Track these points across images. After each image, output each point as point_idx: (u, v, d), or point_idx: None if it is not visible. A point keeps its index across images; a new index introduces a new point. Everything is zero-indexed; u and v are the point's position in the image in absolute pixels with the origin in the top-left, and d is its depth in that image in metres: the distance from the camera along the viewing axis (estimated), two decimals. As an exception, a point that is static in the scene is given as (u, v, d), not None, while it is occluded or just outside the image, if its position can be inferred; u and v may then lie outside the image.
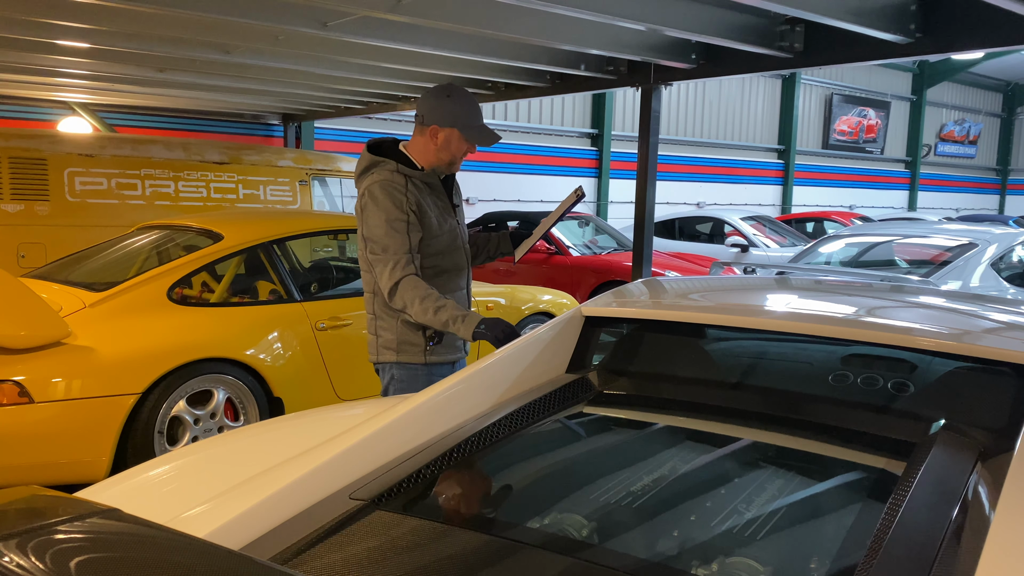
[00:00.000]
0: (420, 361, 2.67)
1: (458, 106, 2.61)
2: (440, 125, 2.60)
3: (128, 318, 3.81)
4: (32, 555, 0.84)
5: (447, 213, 2.69)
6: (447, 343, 2.68)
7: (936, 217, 14.80)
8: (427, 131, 2.62)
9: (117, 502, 1.07)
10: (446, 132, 2.60)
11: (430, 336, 2.63)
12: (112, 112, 10.28)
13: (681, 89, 16.89)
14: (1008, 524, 1.20)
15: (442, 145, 2.62)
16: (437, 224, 2.62)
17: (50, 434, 3.44)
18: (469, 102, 2.65)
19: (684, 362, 2.17)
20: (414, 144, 2.67)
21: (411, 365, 2.67)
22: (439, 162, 2.66)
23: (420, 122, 2.64)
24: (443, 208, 2.68)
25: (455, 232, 2.71)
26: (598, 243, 9.54)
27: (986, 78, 24.12)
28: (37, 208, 6.65)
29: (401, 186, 2.56)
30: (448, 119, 2.59)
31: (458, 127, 2.60)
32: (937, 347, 1.81)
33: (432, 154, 2.64)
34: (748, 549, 1.34)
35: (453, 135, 2.61)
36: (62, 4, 4.88)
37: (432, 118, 2.60)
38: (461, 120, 2.60)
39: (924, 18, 4.77)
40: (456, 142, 2.62)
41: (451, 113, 2.59)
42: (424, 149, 2.64)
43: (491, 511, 1.54)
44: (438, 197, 2.68)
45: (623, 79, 6.61)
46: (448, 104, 2.60)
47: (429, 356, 2.66)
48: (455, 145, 2.63)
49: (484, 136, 2.65)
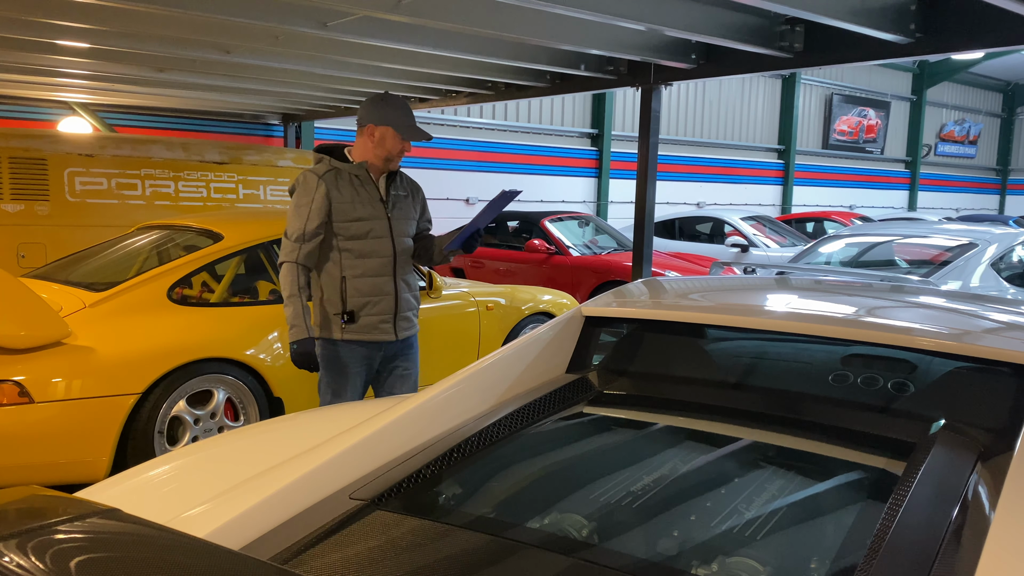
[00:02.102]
0: (337, 337, 3.00)
1: (391, 108, 2.98)
2: (375, 124, 2.95)
3: (128, 318, 3.81)
4: (32, 555, 0.84)
5: (371, 204, 2.99)
6: (362, 323, 2.99)
7: (936, 217, 14.80)
8: (364, 131, 2.97)
9: (117, 502, 1.07)
10: (381, 130, 2.95)
11: (342, 314, 2.97)
12: (112, 112, 10.28)
13: (681, 89, 16.88)
14: (1008, 524, 1.20)
15: (378, 142, 2.96)
16: (352, 209, 2.94)
17: (50, 434, 3.44)
18: (402, 105, 3.02)
19: (684, 362, 2.17)
20: (355, 144, 3.03)
21: (329, 341, 3.02)
22: (375, 159, 3.00)
23: (359, 124, 2.99)
24: (368, 199, 2.98)
25: (380, 222, 3.00)
26: (598, 243, 9.54)
27: (986, 78, 24.11)
28: (37, 208, 6.65)
29: (317, 174, 2.94)
30: (382, 119, 2.95)
31: (391, 125, 2.95)
32: (937, 347, 1.81)
33: (370, 151, 2.99)
34: (748, 549, 1.34)
35: (388, 132, 2.95)
36: (62, 4, 4.88)
37: (368, 119, 2.96)
38: (393, 119, 2.95)
39: (924, 18, 4.77)
40: (390, 139, 2.96)
41: (385, 114, 2.96)
42: (363, 148, 3.00)
43: (491, 511, 1.54)
44: (364, 189, 2.99)
45: (623, 79, 6.61)
46: (382, 106, 2.98)
47: (344, 334, 2.99)
48: (389, 142, 2.97)
49: (415, 133, 3.00)
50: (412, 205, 3.13)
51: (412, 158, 13.23)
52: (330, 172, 2.96)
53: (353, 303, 2.98)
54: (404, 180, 3.13)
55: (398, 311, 3.06)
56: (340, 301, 2.98)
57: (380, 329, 3.02)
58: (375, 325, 3.01)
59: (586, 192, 15.72)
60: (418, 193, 3.19)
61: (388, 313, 3.03)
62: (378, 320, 3.01)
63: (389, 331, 3.04)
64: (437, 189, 13.40)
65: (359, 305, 2.99)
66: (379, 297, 3.01)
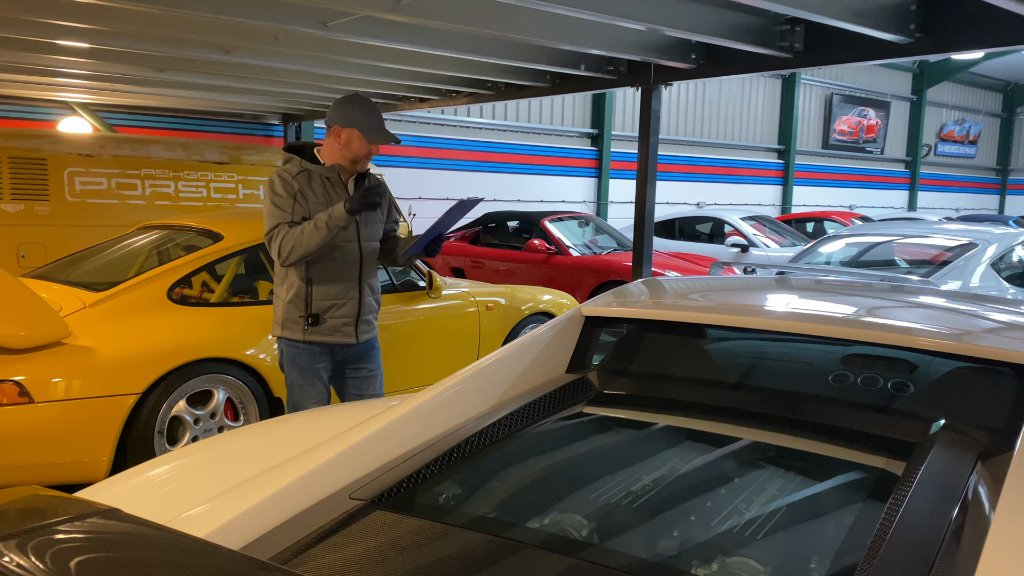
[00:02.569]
0: (300, 338, 3.01)
1: (359, 110, 2.95)
2: (341, 126, 2.93)
3: (128, 318, 3.81)
4: (32, 555, 0.84)
5: None
6: (325, 326, 3.01)
7: (936, 217, 14.79)
8: (332, 132, 2.96)
9: (117, 502, 1.07)
10: (347, 132, 2.93)
11: (306, 316, 2.98)
12: (112, 112, 10.28)
13: (681, 89, 16.88)
14: (1008, 524, 1.20)
15: (344, 144, 2.95)
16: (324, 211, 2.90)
17: (50, 434, 3.44)
18: (370, 108, 2.98)
19: (684, 362, 2.17)
20: (323, 145, 3.03)
21: (293, 341, 3.03)
22: (343, 160, 2.98)
23: (327, 125, 2.97)
24: (337, 201, 2.95)
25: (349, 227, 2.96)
26: (598, 243, 9.54)
27: (986, 78, 24.11)
28: (37, 208, 6.64)
29: (291, 175, 2.94)
30: (348, 121, 2.93)
31: (357, 127, 2.92)
32: (937, 347, 1.81)
33: (336, 152, 2.98)
34: (748, 549, 1.34)
35: (354, 135, 2.93)
36: (62, 4, 4.88)
37: (335, 120, 2.95)
38: (359, 122, 2.93)
39: (924, 18, 4.77)
40: (357, 141, 2.94)
41: (352, 116, 2.93)
42: (330, 149, 2.99)
43: (491, 511, 1.54)
44: (335, 191, 2.99)
45: (623, 79, 6.61)
46: (350, 108, 2.95)
47: (307, 334, 3.00)
48: (356, 144, 2.95)
49: (381, 136, 2.97)
50: (380, 208, 3.12)
51: (411, 158, 13.26)
52: (302, 173, 2.96)
53: (317, 306, 2.99)
54: (371, 180, 3.10)
55: (360, 315, 3.08)
56: (305, 303, 2.99)
57: (342, 332, 3.04)
58: (337, 328, 3.03)
59: (586, 192, 15.72)
60: (385, 193, 3.15)
61: (351, 316, 3.05)
62: (341, 323, 3.03)
63: (351, 334, 3.06)
64: (437, 189, 13.40)
65: (323, 308, 3.00)
66: (343, 301, 3.03)
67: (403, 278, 4.87)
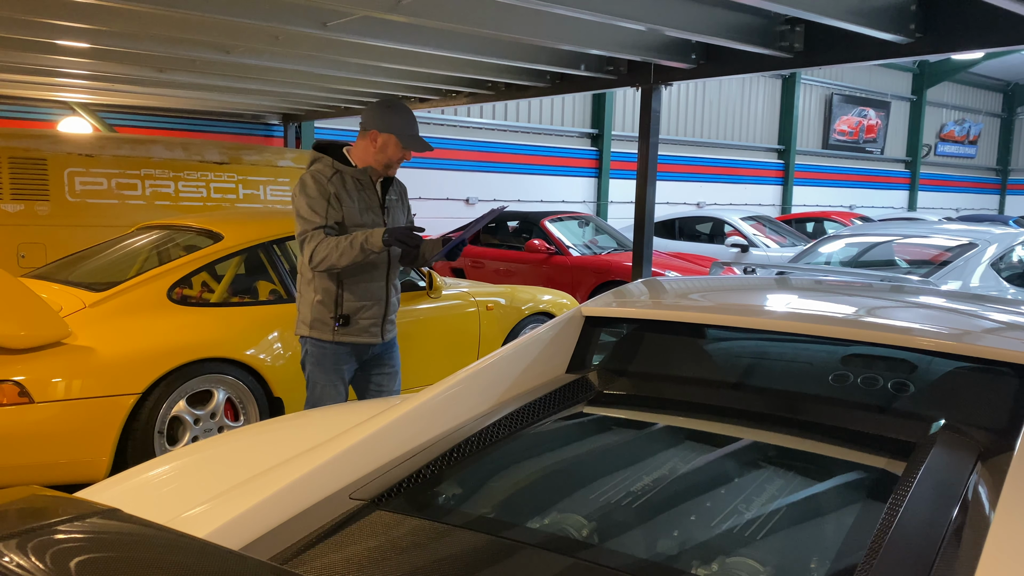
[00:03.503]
0: (329, 339, 3.03)
1: (397, 116, 2.99)
2: (379, 131, 2.96)
3: (128, 318, 3.81)
4: (32, 555, 0.84)
5: (371, 209, 3.03)
6: (354, 326, 3.03)
7: (936, 217, 14.79)
8: (368, 136, 2.98)
9: (117, 502, 1.07)
10: (384, 137, 2.97)
11: (336, 317, 3.00)
12: (112, 112, 10.28)
13: (681, 89, 16.88)
14: (1008, 524, 1.20)
15: (380, 148, 2.98)
16: (358, 215, 2.97)
17: (50, 434, 3.44)
18: (407, 114, 3.03)
19: (684, 362, 2.17)
20: (356, 147, 3.03)
21: (321, 342, 3.05)
22: (376, 164, 3.01)
23: (363, 128, 3.00)
24: (368, 204, 3.01)
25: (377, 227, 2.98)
26: (598, 243, 9.54)
27: (986, 78, 24.11)
28: (37, 208, 6.65)
29: (325, 177, 2.94)
30: (386, 126, 2.96)
31: (395, 133, 2.96)
32: (937, 347, 1.81)
33: (371, 156, 3.00)
34: (748, 549, 1.34)
35: (390, 140, 2.97)
36: (62, 4, 4.88)
37: (372, 124, 2.97)
38: (397, 128, 2.97)
39: (924, 18, 4.77)
40: (392, 147, 2.98)
41: (390, 121, 2.97)
42: (364, 151, 3.00)
43: (491, 511, 1.54)
44: (366, 193, 3.02)
45: (623, 79, 6.60)
46: (388, 114, 2.99)
47: (337, 335, 3.02)
48: (391, 150, 2.99)
49: (417, 144, 3.02)
50: (403, 210, 3.19)
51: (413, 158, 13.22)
52: (336, 175, 2.97)
53: (348, 307, 3.03)
54: (396, 185, 3.17)
55: (386, 315, 3.13)
56: (335, 305, 3.02)
57: (369, 332, 3.08)
58: (366, 328, 3.07)
59: (586, 192, 15.72)
60: (405, 195, 3.25)
61: (378, 317, 3.10)
62: (369, 324, 3.07)
63: (377, 334, 3.11)
64: (437, 189, 13.40)
65: (354, 309, 3.04)
66: (372, 302, 3.07)
67: (403, 278, 4.87)
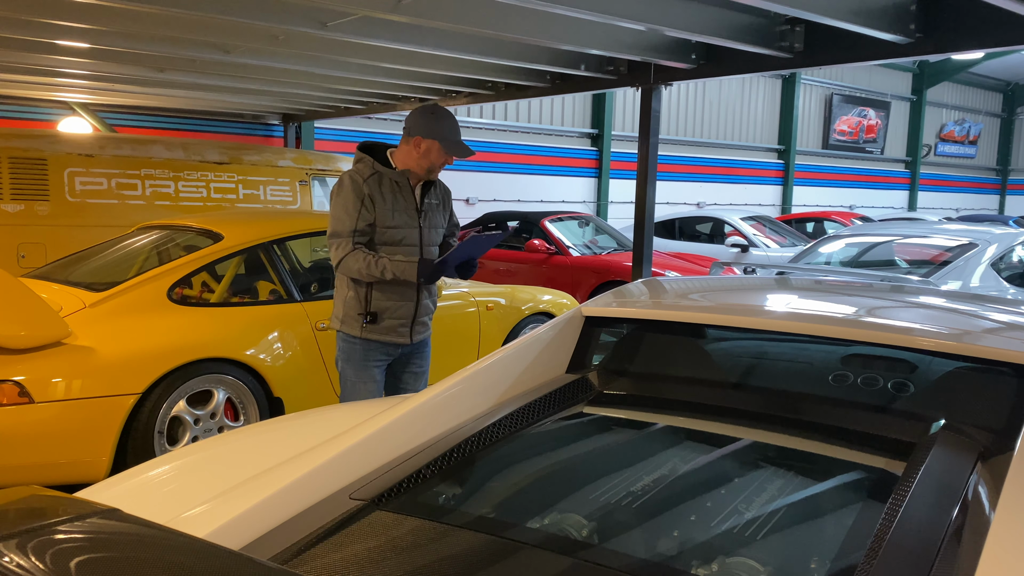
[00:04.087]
0: (357, 334, 3.09)
1: (440, 122, 3.04)
2: (423, 136, 3.01)
3: (128, 318, 3.81)
4: (32, 555, 0.84)
5: (407, 212, 3.08)
6: (382, 325, 3.08)
7: (936, 217, 14.79)
8: (411, 141, 3.02)
9: (117, 502, 1.07)
10: (427, 143, 3.01)
11: (364, 314, 3.06)
12: (112, 112, 10.28)
13: (681, 89, 16.87)
14: (1008, 524, 1.20)
15: (423, 153, 3.03)
16: (390, 216, 3.02)
17: (50, 434, 3.44)
18: (450, 120, 3.08)
19: (684, 362, 2.17)
20: (399, 150, 3.08)
21: (351, 337, 3.11)
22: (418, 168, 3.06)
23: (407, 133, 3.05)
24: (405, 207, 3.07)
25: (412, 232, 3.08)
26: (598, 243, 9.54)
27: (986, 78, 24.11)
28: (37, 208, 6.64)
29: (362, 177, 3.00)
30: (430, 132, 3.01)
31: (438, 139, 3.01)
32: (937, 347, 1.81)
33: (413, 160, 3.05)
34: (748, 549, 1.34)
35: (434, 146, 3.02)
36: (62, 4, 4.88)
37: (417, 130, 3.02)
38: (440, 134, 3.01)
39: (924, 18, 4.77)
40: (435, 152, 3.03)
41: (433, 128, 3.01)
42: (407, 155, 3.05)
43: (491, 511, 1.54)
44: (403, 196, 3.07)
45: (623, 79, 6.60)
46: (432, 120, 3.03)
47: (364, 332, 3.08)
48: (434, 155, 3.03)
49: (460, 150, 3.07)
50: (442, 214, 3.23)
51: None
52: (373, 176, 3.03)
53: (376, 306, 3.07)
54: (438, 188, 3.22)
55: (416, 316, 3.17)
56: (364, 302, 3.07)
57: (398, 332, 3.13)
58: (394, 328, 3.11)
59: (586, 192, 15.72)
60: (448, 199, 3.29)
61: (407, 318, 3.14)
62: (397, 324, 3.11)
63: (405, 335, 3.15)
64: (437, 189, 13.38)
65: (381, 308, 3.08)
66: (401, 303, 3.10)
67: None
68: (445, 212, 3.26)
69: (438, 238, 3.22)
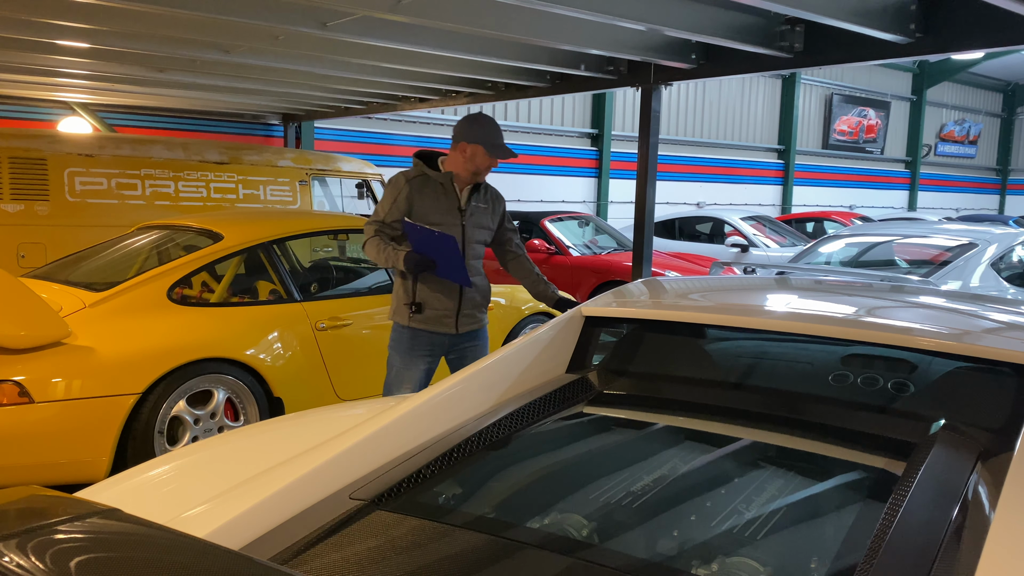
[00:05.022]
0: (405, 323, 3.31)
1: (483, 128, 3.29)
2: (468, 142, 3.25)
3: (128, 318, 3.81)
4: (32, 555, 0.84)
5: (448, 212, 3.29)
6: (427, 315, 3.28)
7: (936, 217, 14.79)
8: (458, 147, 3.28)
9: (117, 502, 1.07)
10: (472, 148, 3.25)
11: (410, 304, 3.27)
12: (112, 112, 10.28)
13: (681, 89, 16.87)
14: (1008, 524, 1.20)
15: (469, 158, 3.27)
16: (432, 215, 3.24)
17: (50, 434, 3.44)
18: (492, 125, 3.33)
19: (684, 362, 2.17)
20: (449, 157, 3.35)
21: (399, 326, 3.35)
22: (465, 172, 3.30)
23: (454, 140, 3.30)
24: (446, 207, 3.29)
25: (455, 228, 3.27)
26: (598, 243, 9.54)
27: (986, 78, 24.10)
28: (37, 208, 6.65)
29: (407, 177, 3.27)
30: (473, 138, 3.25)
31: (481, 144, 3.25)
32: (937, 347, 1.81)
33: (460, 165, 3.29)
34: (748, 549, 1.34)
35: (478, 150, 3.25)
36: (62, 4, 4.88)
37: (462, 136, 3.27)
38: (483, 138, 3.26)
39: (924, 18, 4.77)
40: (480, 156, 3.26)
41: (476, 133, 3.26)
42: (454, 161, 3.31)
43: (491, 511, 1.54)
44: (446, 197, 3.29)
45: (623, 79, 6.60)
46: (475, 127, 3.28)
47: (411, 321, 3.29)
48: (479, 158, 3.27)
49: (502, 152, 3.32)
50: (490, 216, 3.43)
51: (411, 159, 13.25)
52: (419, 177, 3.28)
53: (421, 296, 3.28)
54: (488, 192, 3.43)
55: (461, 308, 3.33)
56: (411, 292, 3.28)
57: (443, 323, 3.31)
58: (438, 318, 3.30)
59: (586, 192, 15.72)
60: (499, 204, 3.48)
61: (451, 309, 3.31)
62: (441, 314, 3.30)
63: (451, 325, 3.33)
64: (437, 189, 13.39)
65: (425, 299, 3.28)
66: (444, 295, 3.29)
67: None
68: (495, 216, 3.45)
69: (482, 238, 3.40)
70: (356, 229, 4.93)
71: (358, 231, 4.91)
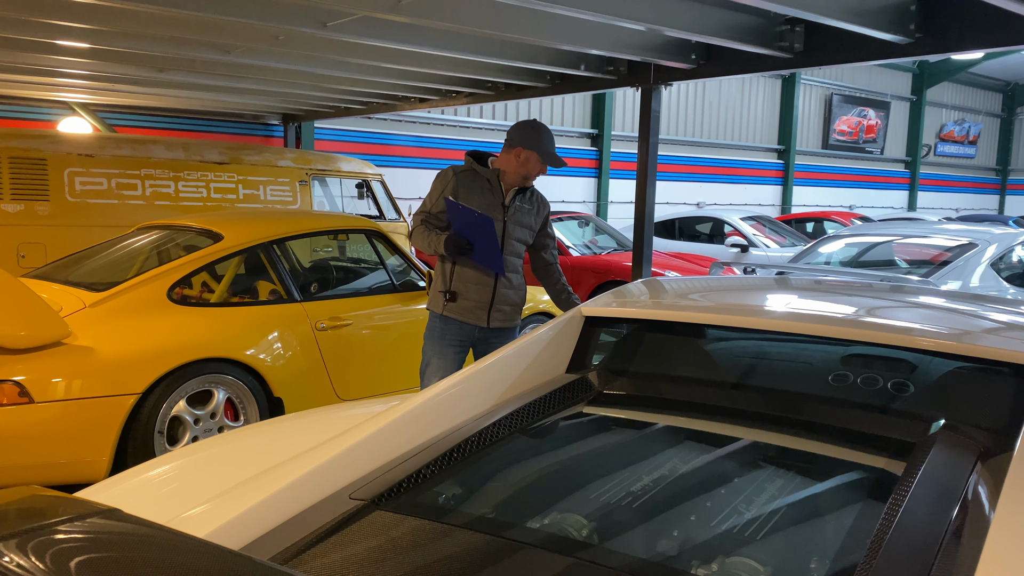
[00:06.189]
0: (439, 311, 3.42)
1: (540, 136, 3.41)
2: (523, 147, 3.37)
3: (128, 318, 3.81)
4: (32, 555, 0.84)
5: (492, 207, 3.37)
6: (460, 305, 3.37)
7: (936, 217, 14.79)
8: (512, 151, 3.40)
9: (117, 502, 1.07)
10: (527, 153, 3.38)
11: (445, 292, 3.39)
12: (112, 112, 10.28)
13: (681, 89, 16.88)
14: (1008, 524, 1.20)
15: (522, 162, 3.39)
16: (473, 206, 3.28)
17: (50, 434, 3.44)
18: (548, 134, 3.45)
19: (684, 362, 2.17)
20: (500, 158, 3.46)
21: (433, 313, 3.47)
22: (514, 174, 3.41)
23: (508, 144, 3.42)
24: (491, 203, 3.38)
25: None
26: (598, 243, 9.54)
27: (986, 78, 24.11)
28: (37, 208, 6.65)
29: (454, 171, 3.41)
30: (530, 144, 3.38)
31: (536, 151, 3.38)
32: (937, 347, 1.81)
33: (512, 168, 3.41)
34: (748, 549, 1.34)
35: (532, 156, 3.38)
36: (62, 4, 4.88)
37: (518, 141, 3.39)
38: (539, 146, 3.38)
39: (924, 18, 4.77)
40: (533, 162, 3.40)
41: (533, 141, 3.38)
42: (506, 162, 3.43)
43: (491, 511, 1.54)
44: (491, 193, 3.40)
45: (623, 79, 6.60)
46: (533, 134, 3.41)
47: (445, 310, 3.40)
48: (532, 164, 3.40)
49: (554, 160, 3.46)
50: (533, 218, 3.51)
51: (411, 158, 13.26)
52: (467, 172, 3.41)
53: (455, 285, 3.38)
54: (534, 196, 3.53)
55: (494, 303, 3.41)
56: (446, 281, 3.39)
57: (475, 314, 3.39)
58: (471, 309, 3.39)
59: (586, 192, 15.72)
60: (543, 209, 3.57)
61: (484, 302, 3.39)
62: (474, 305, 3.38)
63: (482, 318, 3.40)
64: (437, 189, 13.38)
65: (460, 288, 3.38)
66: (478, 286, 3.38)
67: (403, 278, 4.88)
68: (538, 218, 3.53)
69: (522, 236, 3.47)
70: (356, 229, 4.93)
71: (358, 231, 4.91)
